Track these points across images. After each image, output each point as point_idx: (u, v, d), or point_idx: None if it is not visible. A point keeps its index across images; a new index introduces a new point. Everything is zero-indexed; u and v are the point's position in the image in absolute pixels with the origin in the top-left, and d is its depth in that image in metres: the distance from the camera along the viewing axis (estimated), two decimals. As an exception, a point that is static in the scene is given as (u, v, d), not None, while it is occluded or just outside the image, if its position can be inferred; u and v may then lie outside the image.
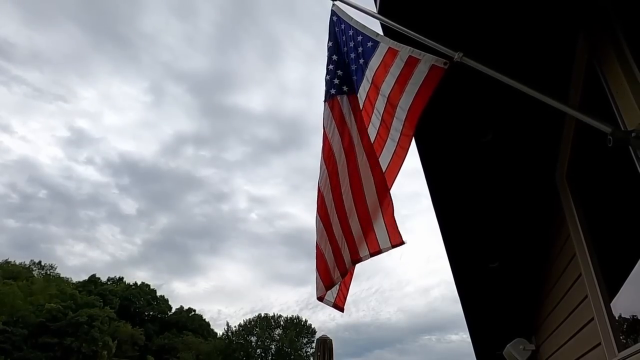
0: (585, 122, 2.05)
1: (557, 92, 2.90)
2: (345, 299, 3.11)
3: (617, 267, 2.79)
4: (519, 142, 3.53)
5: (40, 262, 64.52)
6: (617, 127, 2.06)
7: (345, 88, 3.06)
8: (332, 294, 3.12)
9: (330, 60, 3.18)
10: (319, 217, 3.00)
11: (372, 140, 2.80)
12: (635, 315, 2.74)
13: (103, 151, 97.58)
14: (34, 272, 61.29)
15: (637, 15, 2.17)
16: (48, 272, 63.51)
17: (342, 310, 3.09)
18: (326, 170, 3.01)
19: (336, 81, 3.09)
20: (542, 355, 4.98)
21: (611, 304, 2.88)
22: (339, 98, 3.05)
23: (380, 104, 2.70)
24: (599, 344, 3.00)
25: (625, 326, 2.79)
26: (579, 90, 2.74)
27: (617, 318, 2.83)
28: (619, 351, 2.71)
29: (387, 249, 2.79)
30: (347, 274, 2.96)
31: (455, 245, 4.71)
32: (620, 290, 2.78)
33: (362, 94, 2.82)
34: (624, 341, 2.73)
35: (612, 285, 2.88)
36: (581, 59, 2.62)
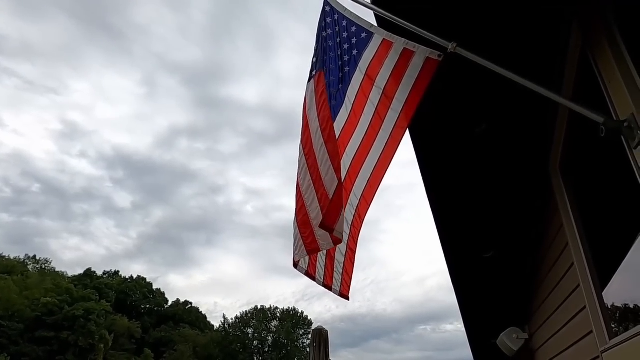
0: (578, 112, 2.06)
1: (551, 82, 2.91)
2: (349, 287, 3.14)
3: (609, 256, 2.82)
4: (513, 133, 3.54)
5: (35, 256, 64.32)
6: (610, 117, 2.07)
7: (313, 73, 3.15)
8: (337, 284, 3.15)
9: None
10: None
11: (364, 132, 2.79)
12: (627, 304, 2.78)
13: (96, 144, 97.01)
14: (28, 267, 61.08)
15: (630, 4, 2.17)
16: (43, 267, 63.31)
17: (347, 298, 3.12)
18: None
19: (310, 68, 3.21)
20: (535, 343, 5.04)
21: (603, 293, 2.92)
22: (307, 84, 3.16)
23: (375, 96, 2.70)
24: (591, 332, 3.04)
25: (616, 314, 2.83)
26: (572, 80, 2.74)
27: (608, 307, 2.87)
28: (610, 339, 2.75)
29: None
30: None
31: (450, 236, 4.74)
32: (612, 279, 2.81)
33: (354, 85, 2.81)
34: (615, 329, 2.76)
35: (603, 274, 2.91)
36: (574, 49, 2.62)
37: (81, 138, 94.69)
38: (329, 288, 3.17)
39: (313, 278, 3.28)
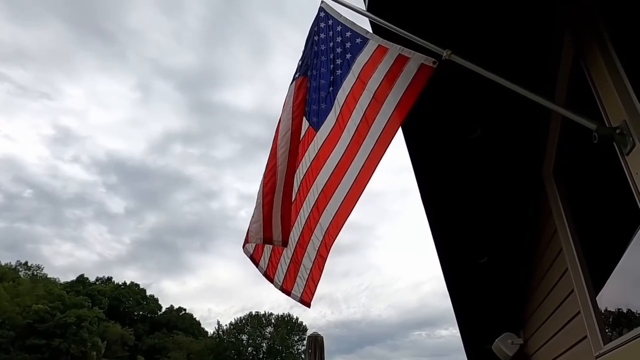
0: (571, 119, 2.08)
1: (544, 89, 2.94)
2: (312, 294, 3.03)
3: (603, 261, 2.84)
4: (507, 139, 3.56)
5: (26, 262, 63.66)
6: (602, 123, 2.09)
7: (296, 75, 3.18)
8: (298, 289, 3.08)
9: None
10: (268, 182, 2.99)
11: (350, 136, 2.74)
12: (620, 309, 2.79)
13: (89, 149, 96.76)
14: (20, 273, 60.40)
15: (621, 13, 2.20)
16: (35, 273, 62.65)
17: (308, 305, 3.03)
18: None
19: (294, 72, 3.23)
20: (529, 349, 5.05)
21: (597, 298, 2.93)
22: (289, 86, 3.19)
23: (364, 100, 2.68)
24: (585, 337, 3.05)
25: (610, 319, 2.84)
26: (564, 88, 2.77)
27: (602, 311, 2.88)
28: (605, 344, 2.76)
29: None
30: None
31: (445, 241, 4.74)
32: (606, 284, 2.83)
33: (345, 88, 2.81)
34: (609, 334, 2.77)
35: (597, 279, 2.92)
36: (567, 57, 2.65)
37: (74, 143, 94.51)
38: (288, 293, 3.12)
39: (271, 280, 3.24)
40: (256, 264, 3.35)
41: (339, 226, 2.82)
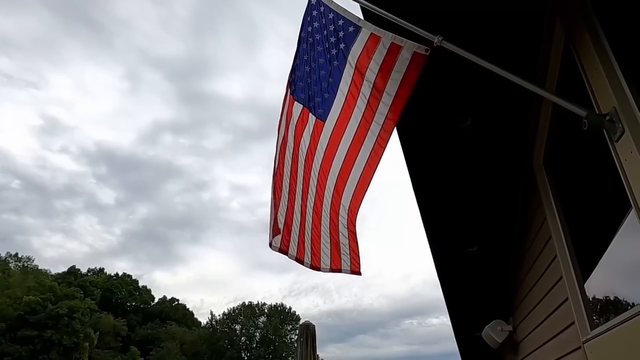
0: (561, 106, 2.08)
1: (535, 77, 2.94)
2: (359, 263, 3.31)
3: (591, 249, 2.87)
4: (498, 128, 3.57)
5: (17, 254, 63.03)
6: (592, 111, 2.09)
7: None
8: (346, 264, 3.35)
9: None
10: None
11: (358, 122, 2.85)
12: (607, 296, 2.83)
13: (78, 140, 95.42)
14: (10, 265, 59.83)
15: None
16: (25, 265, 62.08)
17: (359, 273, 3.32)
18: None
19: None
20: (519, 335, 5.12)
21: (585, 285, 2.97)
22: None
23: (366, 89, 2.75)
24: (573, 323, 3.09)
25: (597, 306, 2.88)
26: (555, 75, 2.77)
27: (590, 298, 2.92)
28: (591, 329, 2.80)
29: None
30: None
31: (435, 230, 4.77)
32: (594, 271, 2.86)
33: (346, 78, 2.84)
34: (597, 320, 2.81)
35: (585, 266, 2.96)
36: (558, 44, 2.64)
37: (62, 133, 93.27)
38: (339, 270, 3.39)
39: (318, 269, 3.53)
40: (317, 268, 3.66)
41: (359, 202, 3.05)
